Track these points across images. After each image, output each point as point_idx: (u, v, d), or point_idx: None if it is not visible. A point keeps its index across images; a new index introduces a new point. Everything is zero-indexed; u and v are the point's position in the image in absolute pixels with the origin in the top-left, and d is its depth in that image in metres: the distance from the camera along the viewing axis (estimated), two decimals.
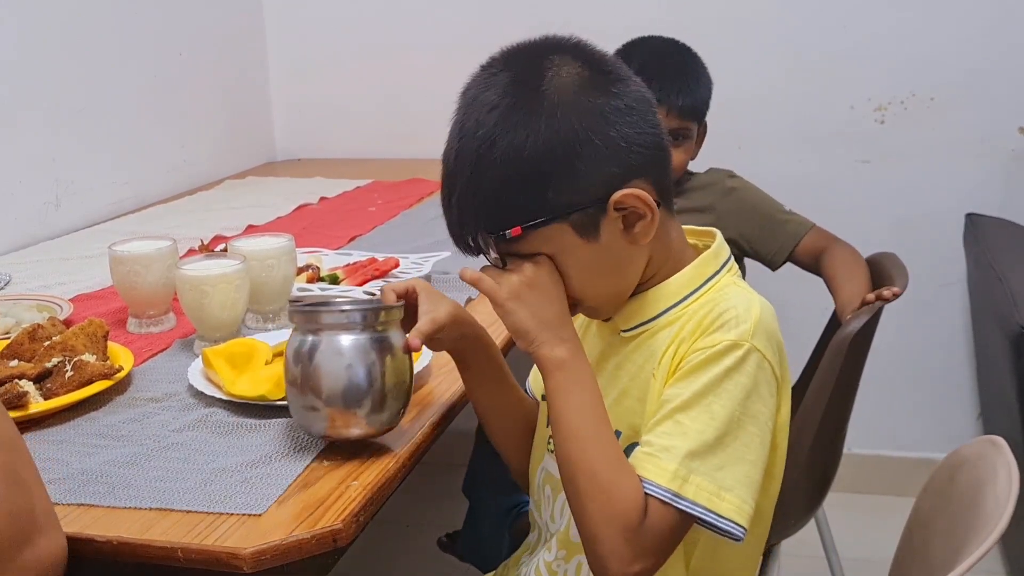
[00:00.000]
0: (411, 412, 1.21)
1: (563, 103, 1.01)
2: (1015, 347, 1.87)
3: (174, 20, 2.55)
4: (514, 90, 1.03)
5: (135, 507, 1.02)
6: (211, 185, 2.62)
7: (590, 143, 1.01)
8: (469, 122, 1.04)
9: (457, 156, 1.05)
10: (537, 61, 1.04)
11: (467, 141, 1.03)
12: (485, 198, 1.03)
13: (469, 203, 1.05)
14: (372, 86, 2.88)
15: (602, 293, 1.10)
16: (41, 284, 1.76)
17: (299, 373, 1.08)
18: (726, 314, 1.03)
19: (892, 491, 2.48)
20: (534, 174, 1.01)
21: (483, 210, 1.04)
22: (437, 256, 1.79)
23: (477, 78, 1.07)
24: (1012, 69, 2.47)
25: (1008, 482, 0.98)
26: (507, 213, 1.03)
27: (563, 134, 1.01)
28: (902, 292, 1.62)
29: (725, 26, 2.61)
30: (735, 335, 1.01)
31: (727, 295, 1.07)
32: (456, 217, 1.07)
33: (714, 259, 1.11)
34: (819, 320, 1.91)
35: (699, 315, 1.05)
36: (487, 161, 1.02)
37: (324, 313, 1.10)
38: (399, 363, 1.10)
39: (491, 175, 1.02)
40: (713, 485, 0.97)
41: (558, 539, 1.16)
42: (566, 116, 1.01)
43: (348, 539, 0.99)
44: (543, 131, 1.00)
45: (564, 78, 1.03)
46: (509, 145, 1.01)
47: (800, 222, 1.97)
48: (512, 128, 1.01)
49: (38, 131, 2.11)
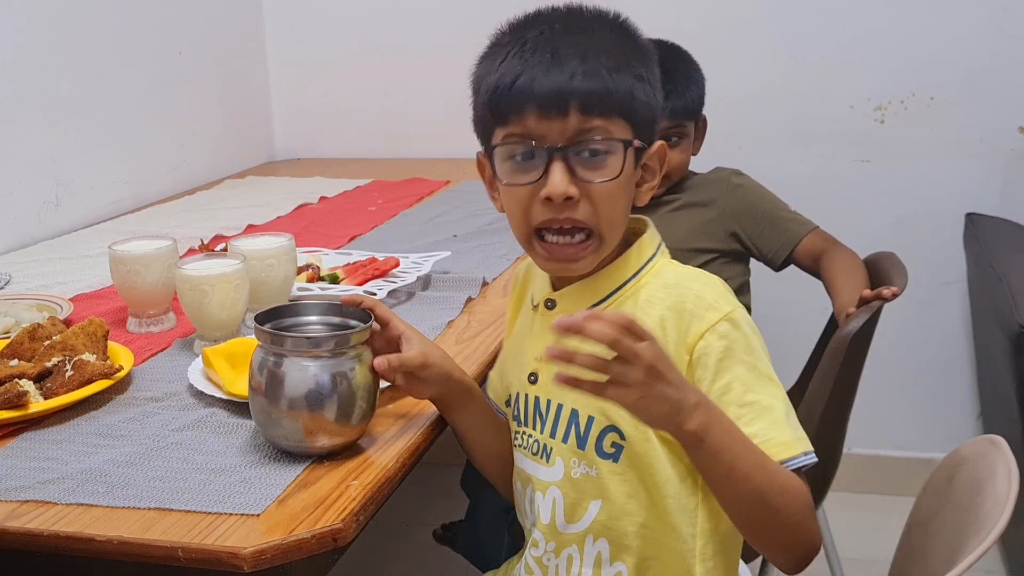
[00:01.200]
0: (411, 412, 1.21)
1: (651, 55, 1.11)
2: (1015, 347, 1.87)
3: (174, 20, 2.55)
4: (616, 24, 1.11)
5: (135, 507, 1.02)
6: (211, 185, 2.62)
7: (657, 86, 1.10)
8: (577, 26, 1.08)
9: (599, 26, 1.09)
10: (626, 22, 1.12)
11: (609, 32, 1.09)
12: (631, 73, 1.06)
13: (598, 76, 1.04)
14: (372, 86, 2.88)
15: (616, 223, 1.10)
16: (41, 284, 1.76)
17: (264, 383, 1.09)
18: (703, 295, 1.07)
19: (892, 491, 2.48)
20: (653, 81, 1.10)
21: (608, 88, 1.04)
22: (437, 256, 1.79)
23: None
24: (1012, 69, 2.47)
25: (1007, 481, 0.98)
26: (635, 102, 1.07)
27: (652, 73, 1.10)
28: (901, 292, 1.62)
29: (725, 26, 2.61)
30: (726, 307, 1.06)
31: (684, 277, 1.11)
32: (570, 79, 1.04)
33: (651, 241, 1.14)
34: (819, 320, 1.91)
35: (675, 303, 1.07)
36: (632, 36, 1.10)
37: (288, 339, 1.09)
38: (358, 385, 1.10)
39: (636, 51, 1.08)
40: (802, 432, 1.04)
41: (540, 530, 1.16)
42: (653, 63, 1.11)
43: (348, 539, 0.99)
44: (644, 58, 1.09)
45: (645, 37, 1.13)
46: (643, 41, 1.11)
47: (802, 223, 1.96)
48: (623, 43, 1.09)
49: (38, 130, 2.11)
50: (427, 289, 1.71)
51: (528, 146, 1.06)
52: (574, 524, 1.13)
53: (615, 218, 1.08)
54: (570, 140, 1.04)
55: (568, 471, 1.12)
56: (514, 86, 1.04)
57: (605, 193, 1.05)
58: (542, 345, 1.14)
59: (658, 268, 1.12)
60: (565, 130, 1.04)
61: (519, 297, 1.27)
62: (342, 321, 1.17)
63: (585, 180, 1.05)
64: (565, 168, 1.04)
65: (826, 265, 1.87)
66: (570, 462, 1.12)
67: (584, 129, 1.04)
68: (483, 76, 1.09)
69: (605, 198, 1.06)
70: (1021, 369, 1.87)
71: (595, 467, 1.11)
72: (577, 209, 1.05)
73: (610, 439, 1.09)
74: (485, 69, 1.10)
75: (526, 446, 1.18)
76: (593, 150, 1.05)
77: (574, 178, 1.04)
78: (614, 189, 1.06)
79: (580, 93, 1.03)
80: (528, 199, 1.07)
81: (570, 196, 1.04)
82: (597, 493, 1.11)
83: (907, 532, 1.16)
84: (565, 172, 1.04)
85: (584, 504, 1.12)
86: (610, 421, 1.09)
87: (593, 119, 1.04)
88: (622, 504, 1.10)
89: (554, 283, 1.17)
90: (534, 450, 1.16)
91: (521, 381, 1.19)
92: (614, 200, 1.07)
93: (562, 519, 1.13)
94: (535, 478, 1.16)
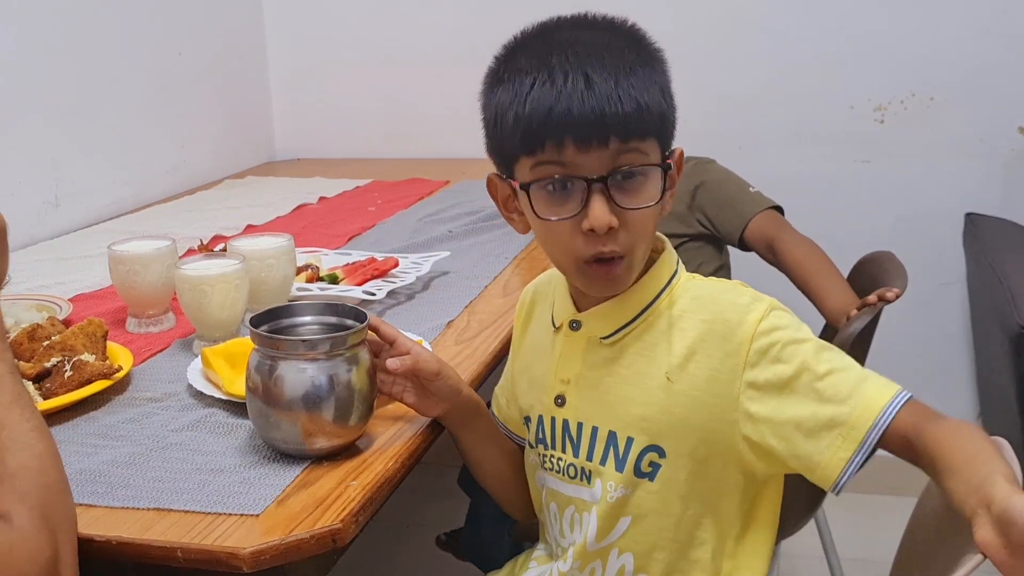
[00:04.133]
0: (410, 413, 1.21)
1: (665, 65, 1.08)
2: (1015, 347, 1.87)
3: (174, 20, 2.55)
4: (630, 38, 1.07)
5: (134, 507, 1.02)
6: (210, 185, 2.62)
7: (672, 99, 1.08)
8: (593, 49, 1.03)
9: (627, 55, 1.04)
10: (637, 30, 1.10)
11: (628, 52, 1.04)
12: (662, 98, 1.05)
13: (628, 95, 1.01)
14: (372, 86, 2.88)
15: (648, 246, 1.08)
16: (40, 284, 1.76)
17: (260, 384, 1.09)
18: (737, 302, 1.06)
19: (892, 491, 2.47)
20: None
21: (641, 111, 1.02)
22: (437, 256, 1.79)
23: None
24: (1011, 69, 2.47)
25: None
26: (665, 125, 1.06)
27: (667, 82, 1.07)
28: (903, 292, 1.62)
29: (725, 26, 2.61)
30: (764, 305, 1.05)
31: (712, 290, 1.10)
32: (605, 106, 1.00)
33: (671, 258, 1.13)
34: (819, 319, 1.91)
35: (706, 312, 1.07)
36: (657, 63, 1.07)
37: (284, 341, 1.09)
38: (356, 386, 1.10)
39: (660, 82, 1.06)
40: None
41: (574, 552, 1.15)
42: (667, 73, 1.08)
43: (347, 539, 0.98)
44: (659, 70, 1.07)
45: (658, 48, 1.08)
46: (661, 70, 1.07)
47: (756, 202, 1.94)
48: (640, 60, 1.05)
49: (38, 131, 2.11)
50: (427, 289, 1.71)
51: (565, 177, 1.02)
52: (603, 540, 1.13)
53: (649, 238, 1.07)
54: (608, 168, 1.01)
55: (606, 494, 1.12)
56: (549, 117, 1.00)
57: (642, 218, 1.03)
58: (569, 367, 1.14)
59: (683, 283, 1.11)
60: (603, 158, 1.01)
61: (525, 320, 1.26)
62: (339, 321, 1.16)
63: (624, 207, 1.02)
64: (605, 199, 1.01)
65: (787, 258, 1.85)
66: (607, 484, 1.11)
67: (622, 156, 1.01)
68: (507, 106, 1.03)
69: (643, 223, 1.04)
70: (1021, 369, 1.87)
71: (631, 487, 1.10)
72: (617, 239, 1.03)
73: (648, 459, 1.09)
74: (508, 98, 1.03)
75: (558, 469, 1.16)
76: (630, 175, 1.02)
77: (613, 206, 1.02)
78: (651, 213, 1.04)
79: (618, 121, 1.00)
80: (569, 232, 1.04)
81: (612, 227, 1.02)
82: (628, 511, 1.11)
83: (909, 533, 1.16)
84: (605, 203, 1.01)
85: (615, 522, 1.12)
86: (651, 440, 1.08)
87: (631, 144, 1.01)
88: (653, 520, 1.11)
89: (577, 303, 1.14)
90: (571, 473, 1.15)
91: (544, 404, 1.17)
92: (650, 223, 1.06)
93: (593, 539, 1.13)
94: (578, 500, 1.15)
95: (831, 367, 1.03)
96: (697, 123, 2.56)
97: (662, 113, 1.04)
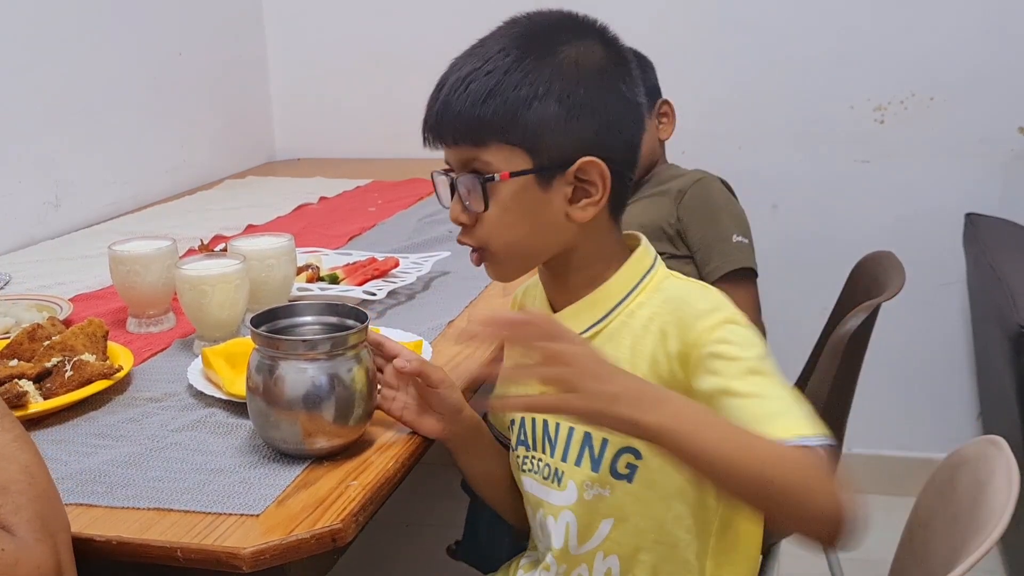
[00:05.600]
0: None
1: (576, 70, 1.06)
2: (1015, 347, 1.87)
3: (173, 20, 2.55)
4: (529, 44, 1.07)
5: (134, 507, 1.02)
6: (211, 185, 2.62)
7: (586, 107, 1.05)
8: (478, 52, 1.07)
9: (462, 70, 1.07)
10: (558, 35, 1.08)
11: (473, 60, 1.07)
12: (486, 106, 1.05)
13: (467, 102, 1.05)
14: (372, 86, 2.88)
15: (513, 245, 1.10)
16: (41, 284, 1.76)
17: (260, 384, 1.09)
18: (700, 302, 1.05)
19: (892, 491, 2.47)
20: (536, 108, 1.04)
21: (478, 116, 1.05)
22: (437, 256, 1.79)
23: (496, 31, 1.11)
24: (1012, 69, 2.47)
25: (1008, 482, 0.98)
26: (497, 129, 1.05)
27: (567, 89, 1.05)
28: (897, 292, 1.61)
29: (725, 26, 2.61)
30: (727, 311, 1.03)
31: (684, 291, 1.09)
32: (444, 112, 1.07)
33: (646, 255, 1.13)
34: (819, 319, 1.91)
35: (671, 315, 1.05)
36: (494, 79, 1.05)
37: (284, 341, 1.09)
38: (356, 387, 1.10)
39: (503, 91, 1.04)
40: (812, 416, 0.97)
41: (554, 556, 1.16)
42: (575, 79, 1.05)
43: (348, 539, 0.99)
44: (548, 76, 1.04)
45: (582, 52, 1.07)
46: (513, 76, 1.05)
47: (725, 260, 1.85)
48: (519, 65, 1.05)
49: (38, 131, 2.11)
50: (427, 289, 1.71)
51: (444, 170, 1.12)
52: (586, 544, 1.13)
53: (515, 241, 1.09)
54: (459, 168, 1.08)
55: (581, 494, 1.12)
56: (425, 116, 1.11)
57: (487, 221, 1.08)
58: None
59: (657, 282, 1.11)
60: (456, 158, 1.09)
61: None
62: (339, 321, 1.16)
63: (466, 206, 1.08)
64: (459, 197, 1.08)
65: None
66: (583, 485, 1.11)
67: (463, 160, 1.07)
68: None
69: (488, 226, 1.08)
70: (1021, 369, 1.87)
71: (608, 487, 1.10)
72: (470, 235, 1.10)
73: (625, 460, 1.09)
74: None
75: (536, 470, 1.17)
76: (470, 182, 1.06)
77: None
78: (494, 217, 1.07)
79: (449, 125, 1.06)
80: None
81: (462, 223, 1.10)
82: (609, 512, 1.11)
83: (908, 532, 1.16)
84: (458, 200, 1.09)
85: (596, 524, 1.12)
86: (625, 442, 1.08)
87: (465, 150, 1.06)
88: (635, 522, 1.10)
89: (553, 303, 1.16)
90: (545, 474, 1.15)
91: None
92: (500, 227, 1.08)
93: (575, 542, 1.13)
94: (546, 503, 1.15)
95: (756, 391, 0.98)
96: (697, 123, 2.59)
97: (514, 118, 1.04)
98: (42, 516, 0.88)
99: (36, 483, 0.90)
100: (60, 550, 0.89)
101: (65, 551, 0.90)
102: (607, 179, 1.06)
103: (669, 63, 2.53)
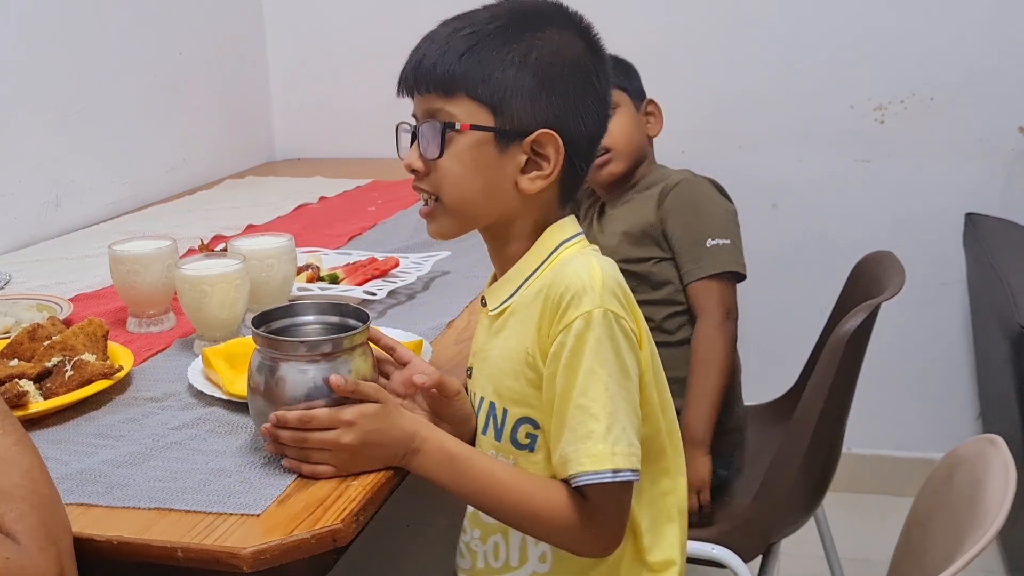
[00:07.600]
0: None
1: (556, 52, 1.09)
2: (1015, 347, 1.87)
3: (174, 20, 2.55)
4: (516, 19, 1.10)
5: (135, 507, 1.02)
6: (211, 185, 2.62)
7: (558, 87, 1.09)
8: (467, 16, 1.12)
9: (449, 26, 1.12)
10: (545, 18, 1.11)
11: (459, 23, 1.12)
12: (460, 59, 1.08)
13: (445, 55, 1.09)
14: (372, 86, 2.85)
15: (461, 199, 1.12)
16: (41, 284, 1.76)
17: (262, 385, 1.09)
18: (570, 288, 1.05)
19: (891, 491, 2.49)
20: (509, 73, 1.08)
21: (453, 69, 1.08)
22: (437, 256, 1.79)
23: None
24: (1012, 69, 2.47)
25: (1005, 480, 0.98)
26: (468, 80, 1.08)
27: (543, 65, 1.08)
28: (898, 292, 1.61)
29: (725, 26, 2.61)
30: (587, 305, 1.03)
31: (565, 267, 1.08)
32: (422, 61, 1.11)
33: (559, 231, 1.14)
34: (818, 319, 1.92)
35: (548, 294, 1.07)
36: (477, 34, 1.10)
37: (285, 342, 1.09)
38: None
39: (483, 44, 1.08)
40: (628, 447, 1.03)
41: (468, 518, 1.20)
42: (552, 59, 1.09)
43: (348, 539, 0.99)
44: (527, 48, 1.08)
45: (565, 39, 1.10)
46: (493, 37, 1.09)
47: (705, 263, 1.82)
48: (503, 33, 1.09)
49: (38, 131, 2.11)
50: (427, 289, 1.71)
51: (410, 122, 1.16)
52: None
53: (463, 195, 1.11)
54: (423, 119, 1.12)
55: None
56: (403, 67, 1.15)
57: (439, 170, 1.11)
58: (476, 340, 1.21)
59: (562, 257, 1.12)
60: (420, 107, 1.12)
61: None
62: (341, 321, 1.17)
63: (422, 153, 1.12)
64: (417, 144, 1.12)
65: (693, 341, 1.80)
66: (489, 454, 1.14)
67: (430, 109, 1.11)
68: None
69: (440, 175, 1.11)
70: (1021, 369, 1.87)
71: (512, 457, 1.13)
72: (423, 180, 1.13)
73: (524, 430, 1.11)
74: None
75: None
76: (431, 128, 1.10)
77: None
78: (446, 167, 1.10)
79: (422, 74, 1.10)
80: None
81: (415, 169, 1.13)
82: None
83: (906, 531, 1.16)
84: (416, 148, 1.12)
85: None
86: (523, 413, 1.11)
87: (433, 99, 1.10)
88: None
89: (496, 278, 1.19)
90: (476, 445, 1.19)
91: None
92: (451, 177, 1.11)
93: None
94: None
95: (584, 404, 1.02)
96: (697, 123, 2.60)
97: (488, 77, 1.07)
98: (45, 523, 0.88)
99: (38, 489, 0.90)
100: (63, 559, 0.88)
101: (67, 558, 0.90)
102: (560, 156, 1.09)
103: (669, 63, 2.54)
